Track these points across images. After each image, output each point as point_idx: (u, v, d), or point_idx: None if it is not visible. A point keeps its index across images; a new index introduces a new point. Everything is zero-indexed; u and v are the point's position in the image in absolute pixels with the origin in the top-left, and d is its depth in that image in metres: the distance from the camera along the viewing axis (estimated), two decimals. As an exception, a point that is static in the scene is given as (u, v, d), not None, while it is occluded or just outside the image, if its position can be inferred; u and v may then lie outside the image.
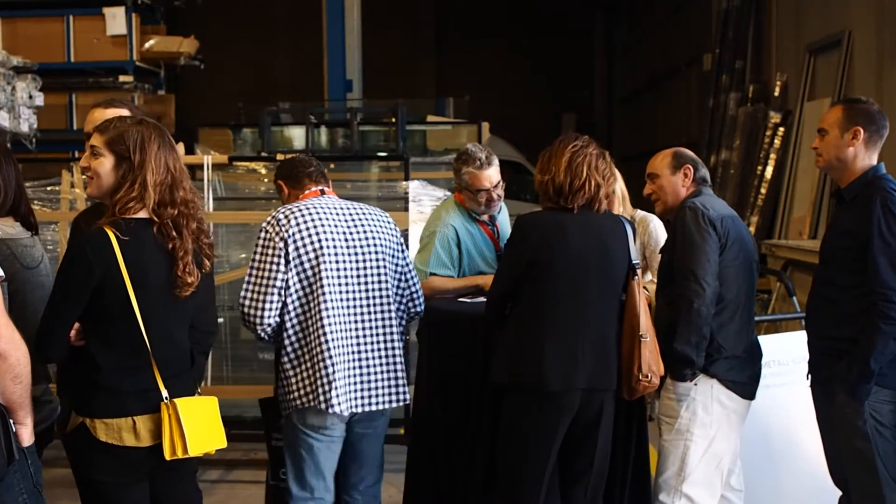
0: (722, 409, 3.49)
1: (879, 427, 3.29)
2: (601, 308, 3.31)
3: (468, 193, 4.00)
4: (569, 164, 3.30)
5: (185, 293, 2.72)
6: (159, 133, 2.73)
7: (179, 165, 2.75)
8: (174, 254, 2.68)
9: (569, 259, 3.26)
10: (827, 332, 3.40)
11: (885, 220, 3.18)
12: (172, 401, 2.69)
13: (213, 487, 5.38)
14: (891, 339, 3.17)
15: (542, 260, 3.26)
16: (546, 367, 3.22)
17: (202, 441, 2.74)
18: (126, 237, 2.61)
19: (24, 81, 6.09)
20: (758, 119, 9.05)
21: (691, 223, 3.40)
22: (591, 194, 3.31)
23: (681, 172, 3.63)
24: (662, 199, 3.66)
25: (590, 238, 3.30)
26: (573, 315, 3.27)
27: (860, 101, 3.47)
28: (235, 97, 13.31)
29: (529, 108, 17.53)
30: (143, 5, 8.33)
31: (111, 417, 2.67)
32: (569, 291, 3.27)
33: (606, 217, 3.39)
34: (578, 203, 3.30)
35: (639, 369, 3.29)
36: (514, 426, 3.33)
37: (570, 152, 3.32)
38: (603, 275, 3.31)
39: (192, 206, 2.74)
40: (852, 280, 3.27)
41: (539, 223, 3.33)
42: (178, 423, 2.68)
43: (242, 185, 6.64)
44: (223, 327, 5.94)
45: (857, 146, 3.33)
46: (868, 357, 3.19)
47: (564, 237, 3.27)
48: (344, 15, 11.62)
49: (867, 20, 7.09)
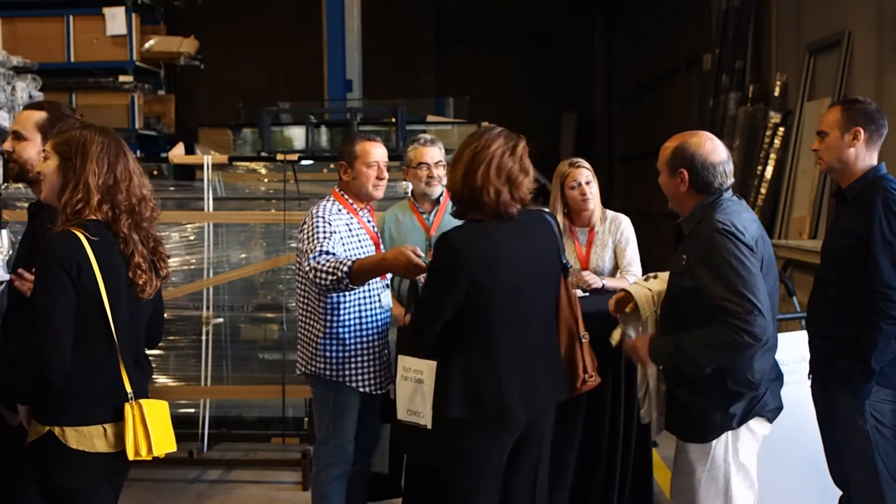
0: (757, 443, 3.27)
1: (880, 426, 3.30)
2: (543, 318, 3.09)
3: (412, 171, 4.32)
4: (466, 170, 2.98)
5: (144, 295, 2.78)
6: (106, 137, 2.79)
7: (128, 170, 2.79)
8: (125, 256, 2.74)
9: (508, 275, 2.95)
10: (828, 332, 3.40)
11: (887, 220, 3.19)
12: (137, 401, 2.75)
13: (213, 487, 5.38)
14: (892, 338, 3.18)
15: (481, 280, 2.93)
16: (507, 396, 2.97)
17: (163, 442, 2.80)
18: (95, 238, 2.67)
19: (24, 81, 6.08)
20: (758, 119, 9.05)
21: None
22: (491, 202, 2.96)
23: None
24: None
25: (521, 247, 3.01)
26: (522, 334, 3.00)
27: (858, 101, 3.46)
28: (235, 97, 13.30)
29: (529, 108, 17.51)
30: (143, 5, 8.32)
31: (83, 425, 2.68)
32: (513, 310, 2.98)
33: (531, 219, 3.09)
34: (486, 214, 2.98)
35: (583, 370, 3.16)
36: (468, 458, 3.04)
37: (468, 156, 3.00)
38: (539, 283, 3.06)
39: (141, 210, 2.80)
40: (853, 280, 3.27)
41: (471, 239, 2.97)
42: (143, 424, 2.73)
43: (242, 185, 6.64)
44: (223, 327, 5.95)
45: (858, 147, 3.33)
46: (869, 356, 3.20)
47: (499, 251, 2.96)
48: (344, 15, 11.60)
49: (867, 20, 7.08)
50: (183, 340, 5.85)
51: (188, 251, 5.85)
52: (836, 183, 3.55)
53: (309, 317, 3.85)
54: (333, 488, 3.83)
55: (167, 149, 6.96)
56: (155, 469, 5.63)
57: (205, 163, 5.70)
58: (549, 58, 18.14)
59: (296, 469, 5.43)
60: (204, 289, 5.73)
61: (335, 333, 3.76)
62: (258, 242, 6.07)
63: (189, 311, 5.88)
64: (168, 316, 5.86)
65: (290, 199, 5.71)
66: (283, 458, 5.62)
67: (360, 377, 3.79)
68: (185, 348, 5.83)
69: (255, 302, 6.17)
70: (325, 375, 3.79)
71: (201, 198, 5.71)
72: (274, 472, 5.57)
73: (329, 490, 3.82)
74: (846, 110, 3.38)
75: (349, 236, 3.79)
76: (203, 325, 5.68)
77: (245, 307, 6.17)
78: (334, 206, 3.85)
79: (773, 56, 9.43)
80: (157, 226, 2.91)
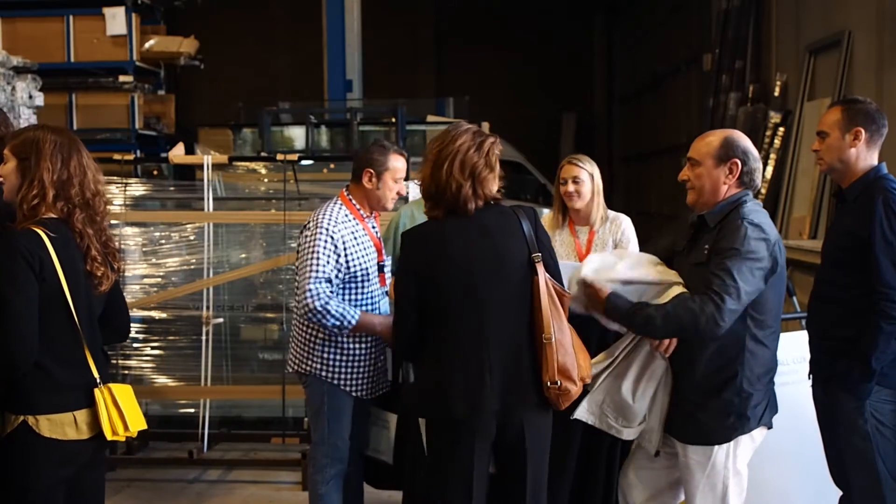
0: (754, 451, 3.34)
1: (880, 426, 3.30)
2: (506, 316, 2.97)
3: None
4: (433, 167, 2.99)
5: (101, 288, 2.92)
6: (59, 136, 2.94)
7: (81, 166, 2.92)
8: (82, 251, 2.88)
9: (455, 272, 2.93)
10: (828, 332, 3.40)
11: (888, 220, 3.18)
12: (106, 385, 2.89)
13: (213, 487, 5.38)
14: (892, 338, 3.18)
15: (430, 277, 2.94)
16: (451, 393, 2.94)
17: (134, 420, 2.94)
18: (54, 234, 2.81)
19: (24, 81, 6.07)
20: (758, 119, 9.04)
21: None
22: (453, 197, 2.95)
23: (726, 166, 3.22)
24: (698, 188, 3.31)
25: (476, 243, 2.95)
26: (474, 332, 2.95)
27: (859, 101, 3.45)
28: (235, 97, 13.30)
29: (529, 108, 17.52)
30: (143, 5, 8.31)
31: (55, 413, 2.81)
32: (464, 306, 2.94)
33: (495, 214, 3.03)
34: (444, 209, 2.98)
35: (547, 375, 2.96)
36: (433, 456, 3.07)
37: (435, 152, 3.00)
38: (501, 279, 2.97)
39: (95, 205, 2.93)
40: (854, 280, 3.27)
41: (420, 237, 3.00)
42: (115, 404, 2.88)
43: (242, 185, 6.64)
44: (223, 327, 5.95)
45: (859, 147, 3.33)
46: (870, 356, 3.20)
47: (446, 249, 2.94)
48: (344, 15, 11.61)
49: (867, 20, 7.08)
50: (183, 340, 5.84)
51: (188, 251, 5.85)
52: (837, 183, 3.54)
53: None
54: (330, 489, 3.82)
55: (167, 149, 6.96)
56: (155, 469, 5.64)
57: (205, 163, 5.70)
58: (549, 58, 18.14)
59: (296, 469, 5.43)
60: (204, 289, 5.73)
61: (333, 337, 3.75)
62: (258, 242, 6.07)
63: (189, 311, 5.88)
64: (168, 316, 5.88)
65: (290, 199, 5.71)
66: (283, 458, 5.62)
67: (355, 381, 3.78)
68: (185, 348, 5.83)
69: (255, 302, 6.17)
70: (321, 376, 3.78)
71: (201, 198, 5.71)
72: (274, 472, 5.57)
73: (325, 490, 3.82)
74: (847, 110, 3.37)
75: (353, 244, 3.74)
76: (203, 325, 5.68)
77: (245, 307, 6.17)
78: (341, 213, 3.77)
79: (773, 56, 9.43)
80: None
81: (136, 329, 5.86)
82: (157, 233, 5.88)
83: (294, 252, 4.15)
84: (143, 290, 5.85)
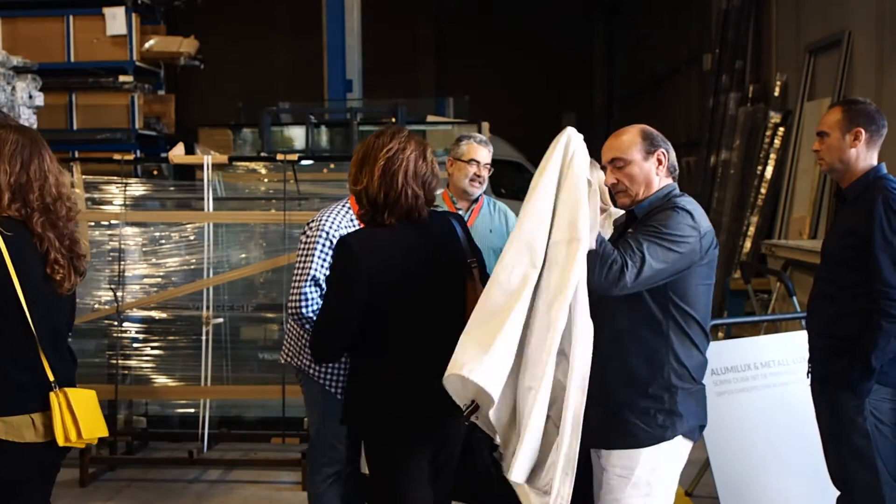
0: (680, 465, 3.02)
1: (880, 425, 3.30)
2: (445, 321, 2.92)
3: (459, 164, 4.31)
4: (383, 173, 2.90)
5: (62, 290, 2.86)
6: (22, 136, 2.87)
7: (42, 170, 2.85)
8: (41, 253, 2.83)
9: (399, 282, 2.88)
10: (828, 331, 3.41)
11: (888, 220, 3.20)
12: (62, 389, 2.83)
13: (213, 487, 5.38)
14: (892, 337, 3.19)
15: (375, 286, 2.86)
16: (399, 404, 2.91)
17: (92, 427, 2.88)
18: (10, 233, 2.75)
19: (24, 81, 6.08)
20: (758, 119, 9.05)
21: None
22: (409, 205, 2.92)
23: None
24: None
25: (418, 253, 2.93)
26: (417, 337, 2.92)
27: (858, 101, 3.47)
28: (235, 97, 13.32)
29: (529, 108, 17.53)
30: (143, 5, 8.32)
31: (11, 415, 2.76)
32: (406, 316, 2.91)
33: (433, 221, 3.02)
34: (397, 217, 2.92)
35: None
36: (376, 466, 3.02)
37: (384, 158, 2.91)
38: (441, 287, 2.97)
39: (56, 209, 2.86)
40: (854, 279, 3.28)
41: (370, 245, 2.91)
42: (70, 410, 2.81)
43: (242, 185, 6.64)
44: (223, 327, 5.95)
45: (860, 147, 3.35)
46: (870, 355, 3.21)
47: (390, 258, 2.90)
48: (344, 15, 11.61)
49: (867, 20, 7.09)
50: (183, 340, 5.84)
51: (188, 251, 5.85)
52: (837, 183, 3.56)
53: None
54: (328, 489, 3.80)
55: (167, 149, 6.95)
56: (155, 469, 5.64)
57: (205, 163, 5.70)
58: (549, 57, 18.15)
59: (296, 469, 5.43)
60: (204, 289, 5.73)
61: None
62: (258, 242, 6.06)
63: (189, 311, 5.88)
64: (168, 316, 5.88)
65: (290, 199, 5.71)
66: (283, 458, 5.62)
67: (341, 384, 3.69)
68: (185, 348, 5.82)
69: (255, 302, 6.16)
70: (310, 374, 3.76)
71: (201, 198, 5.71)
72: (274, 472, 5.57)
73: (324, 491, 3.80)
74: (847, 111, 3.39)
75: None
76: (203, 325, 5.68)
77: (245, 307, 6.16)
78: (346, 217, 3.69)
79: (773, 56, 9.44)
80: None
81: (136, 329, 5.86)
82: (157, 233, 5.88)
83: (294, 252, 4.13)
84: (143, 290, 5.85)
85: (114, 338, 5.77)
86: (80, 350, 6.09)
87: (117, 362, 5.69)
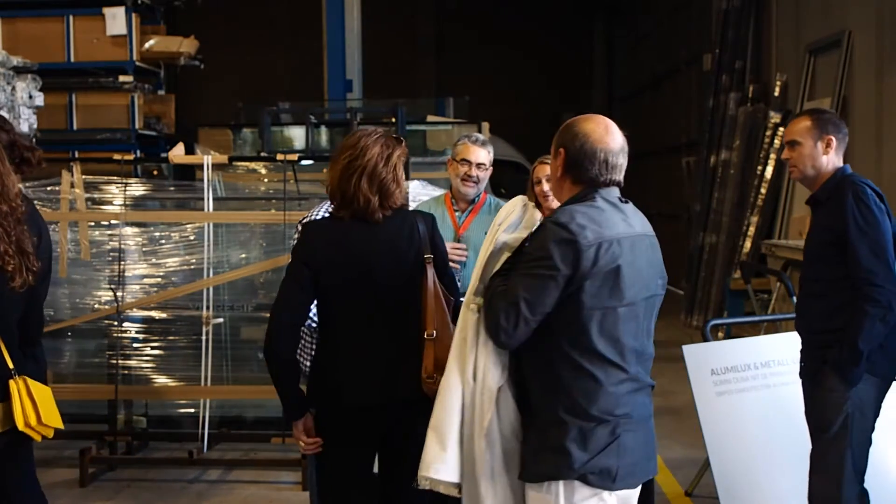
0: None
1: (860, 417, 3.42)
2: (397, 313, 3.04)
3: (453, 164, 4.33)
4: (341, 174, 3.03)
5: (14, 284, 2.91)
6: None
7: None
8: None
9: (349, 270, 3.00)
10: (816, 327, 3.52)
11: (860, 210, 3.35)
12: (22, 376, 2.93)
13: (213, 487, 5.38)
14: (877, 320, 3.31)
15: (325, 271, 2.99)
16: (339, 385, 3.03)
17: (51, 417, 2.97)
18: None
19: (24, 81, 6.08)
20: (758, 119, 9.05)
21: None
22: (361, 208, 3.01)
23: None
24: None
25: (374, 245, 3.02)
26: (364, 328, 3.02)
27: (824, 111, 3.69)
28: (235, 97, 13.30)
29: (529, 108, 17.53)
30: (143, 5, 8.31)
31: None
32: (358, 300, 3.01)
33: (391, 220, 3.07)
34: (350, 215, 3.03)
35: (425, 370, 2.98)
36: (323, 448, 3.11)
37: (345, 160, 3.04)
38: (395, 276, 3.03)
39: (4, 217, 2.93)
40: (836, 273, 3.41)
41: (320, 231, 3.08)
42: (30, 397, 2.91)
43: (242, 185, 6.64)
44: (223, 327, 5.95)
45: (831, 155, 3.53)
46: (856, 339, 3.31)
47: (342, 248, 3.01)
48: (344, 15, 11.60)
49: (867, 20, 7.09)
50: (183, 340, 5.84)
51: (188, 251, 5.85)
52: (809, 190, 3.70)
53: None
54: None
55: (167, 149, 6.96)
56: (155, 469, 5.64)
57: (205, 163, 5.70)
58: (549, 57, 18.15)
59: (296, 469, 5.43)
60: (204, 289, 5.73)
61: (314, 335, 3.69)
62: (258, 242, 6.06)
63: (189, 311, 5.88)
64: (168, 316, 5.88)
65: (290, 199, 5.71)
66: (283, 458, 5.62)
67: None
68: (185, 348, 5.83)
69: (255, 302, 6.17)
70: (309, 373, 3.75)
71: (201, 198, 5.71)
72: (274, 472, 5.57)
73: None
74: (816, 119, 3.55)
75: None
76: (203, 325, 5.68)
77: (245, 307, 6.17)
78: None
79: (773, 56, 9.44)
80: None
81: (136, 329, 5.87)
82: (157, 233, 5.88)
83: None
84: (143, 290, 5.86)
85: (114, 338, 5.77)
86: (80, 350, 6.12)
87: (117, 362, 5.69)
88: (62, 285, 5.87)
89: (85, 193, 5.73)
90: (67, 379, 6.04)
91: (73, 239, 5.76)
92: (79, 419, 6.08)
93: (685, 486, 5.11)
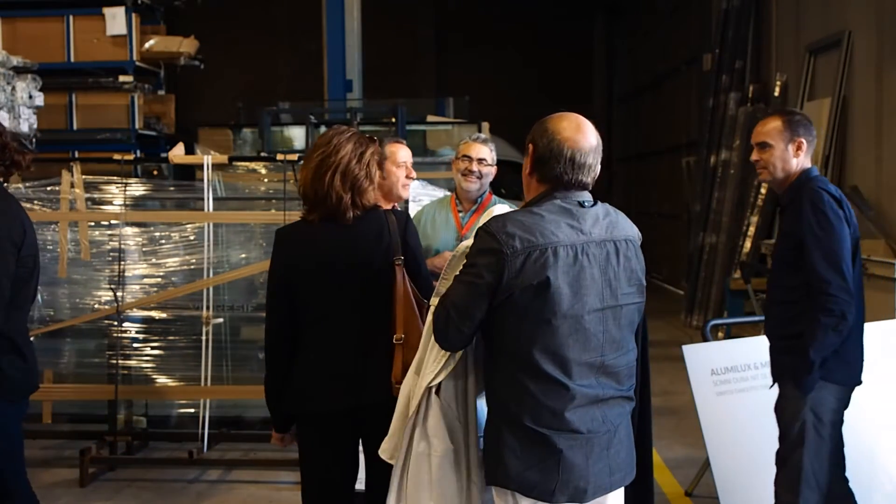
0: None
1: (818, 424, 3.43)
2: (367, 316, 3.01)
3: (456, 162, 4.38)
4: (314, 172, 3.01)
5: None
6: None
7: None
8: None
9: (317, 274, 2.98)
10: (780, 332, 3.53)
11: (815, 218, 3.34)
12: None
13: (213, 487, 5.38)
14: (830, 329, 3.30)
15: (295, 276, 2.99)
16: (304, 389, 3.02)
17: None
18: None
19: (24, 81, 6.08)
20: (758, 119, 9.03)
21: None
22: (333, 206, 2.99)
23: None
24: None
25: (344, 247, 3.00)
26: (332, 332, 3.00)
27: (794, 112, 3.66)
28: (235, 97, 13.30)
29: (529, 107, 17.39)
30: (143, 5, 8.32)
31: None
32: (328, 305, 3.00)
33: (361, 220, 3.04)
34: (320, 215, 3.01)
35: (394, 374, 2.95)
36: (300, 450, 3.14)
37: (318, 158, 3.02)
38: (365, 280, 3.01)
39: None
40: (797, 280, 3.41)
41: (289, 235, 3.06)
42: None
43: (242, 185, 6.64)
44: (223, 327, 5.95)
45: (801, 157, 3.51)
46: (808, 348, 3.32)
47: (310, 251, 3.00)
48: (344, 15, 11.60)
49: (867, 20, 7.09)
50: (183, 340, 5.85)
51: (188, 251, 5.85)
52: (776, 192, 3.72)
53: None
54: None
55: (167, 149, 6.96)
56: (155, 469, 5.64)
57: (205, 163, 5.70)
58: (549, 57, 18.15)
59: (296, 469, 5.42)
60: (204, 289, 5.73)
61: None
62: (258, 242, 6.06)
63: (189, 311, 5.88)
64: (168, 316, 5.88)
65: (290, 199, 5.71)
66: (283, 458, 5.61)
67: None
68: (185, 348, 5.83)
69: (255, 302, 6.17)
70: None
71: (201, 198, 5.71)
72: (274, 472, 5.57)
73: None
74: (787, 122, 3.53)
75: None
76: (203, 325, 5.69)
77: (245, 307, 6.17)
78: None
79: (773, 56, 9.44)
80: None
81: (136, 329, 5.87)
82: (157, 233, 5.89)
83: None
84: (143, 290, 5.86)
85: (114, 338, 5.77)
86: (80, 350, 6.12)
87: (117, 362, 5.69)
88: (62, 285, 5.87)
89: (85, 193, 5.73)
90: (67, 379, 6.05)
91: (73, 239, 5.76)
92: (79, 419, 6.09)
93: (685, 486, 5.11)
